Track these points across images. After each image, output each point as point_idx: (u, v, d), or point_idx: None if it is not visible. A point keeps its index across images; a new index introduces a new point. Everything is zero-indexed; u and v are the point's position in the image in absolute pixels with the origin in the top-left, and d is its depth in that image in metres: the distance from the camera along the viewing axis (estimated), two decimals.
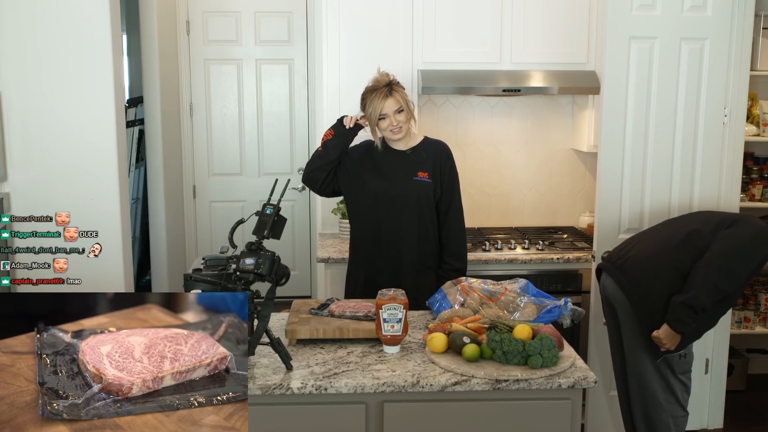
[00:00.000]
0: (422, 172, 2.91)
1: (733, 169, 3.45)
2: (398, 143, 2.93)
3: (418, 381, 2.05)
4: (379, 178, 2.93)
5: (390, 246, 2.91)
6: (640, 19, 3.23)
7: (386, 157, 2.94)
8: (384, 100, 2.80)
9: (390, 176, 2.92)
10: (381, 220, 2.92)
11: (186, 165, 5.29)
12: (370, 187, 2.93)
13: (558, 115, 4.12)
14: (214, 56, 5.20)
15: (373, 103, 2.81)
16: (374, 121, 2.84)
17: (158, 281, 4.87)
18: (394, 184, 2.91)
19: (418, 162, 2.92)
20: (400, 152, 2.94)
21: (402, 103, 2.83)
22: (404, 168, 2.92)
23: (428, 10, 3.66)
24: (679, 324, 2.68)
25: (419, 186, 2.89)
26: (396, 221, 2.90)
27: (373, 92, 2.83)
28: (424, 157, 2.93)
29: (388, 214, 2.91)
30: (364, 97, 2.87)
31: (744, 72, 3.37)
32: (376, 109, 2.81)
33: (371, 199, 2.92)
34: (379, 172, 2.93)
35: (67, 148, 3.20)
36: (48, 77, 3.15)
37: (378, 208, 2.92)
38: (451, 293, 2.53)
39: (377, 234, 2.93)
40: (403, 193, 2.89)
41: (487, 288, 2.54)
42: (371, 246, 2.95)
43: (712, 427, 3.63)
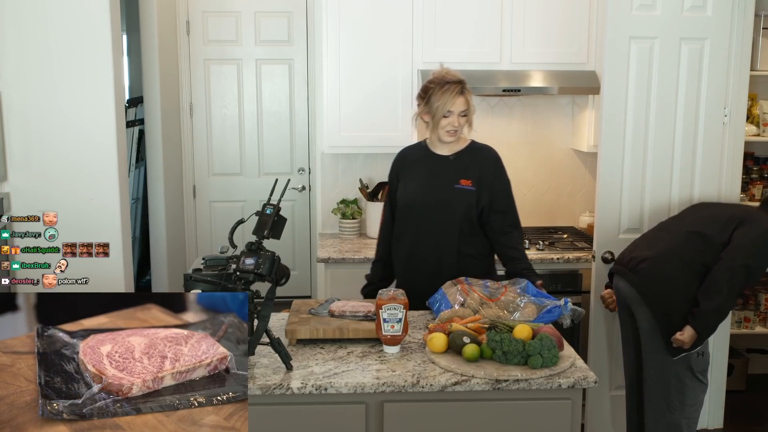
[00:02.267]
0: (465, 179, 2.75)
1: (733, 169, 3.45)
2: (442, 148, 2.79)
3: (418, 381, 2.05)
4: (418, 184, 2.79)
5: (428, 256, 2.77)
6: (640, 19, 3.23)
7: (428, 163, 2.80)
8: (456, 98, 2.65)
9: (430, 184, 2.78)
10: (419, 228, 2.78)
11: (186, 165, 5.29)
12: (408, 193, 2.80)
13: (558, 115, 4.12)
14: (214, 56, 5.20)
15: (444, 97, 2.65)
16: (439, 116, 2.68)
17: (158, 281, 4.87)
18: (433, 192, 2.77)
19: (461, 168, 2.76)
20: (443, 158, 2.79)
21: (470, 105, 2.70)
22: (446, 175, 2.76)
23: (428, 10, 3.66)
24: (708, 330, 2.71)
25: (461, 194, 2.73)
26: (434, 231, 2.75)
27: (444, 86, 2.67)
28: (467, 164, 2.77)
29: (426, 223, 2.76)
30: (427, 89, 2.71)
31: (744, 72, 3.37)
32: (446, 105, 2.65)
33: (407, 205, 2.80)
34: (418, 177, 2.80)
35: (67, 147, 3.20)
36: (48, 77, 3.15)
37: (415, 215, 2.78)
38: (451, 293, 2.53)
39: (414, 245, 2.79)
40: (443, 201, 2.74)
41: (487, 288, 2.54)
42: (408, 258, 2.82)
43: (712, 427, 3.63)
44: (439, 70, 2.75)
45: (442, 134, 2.72)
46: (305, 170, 5.36)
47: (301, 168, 5.37)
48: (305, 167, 5.36)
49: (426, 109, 2.73)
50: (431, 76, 2.75)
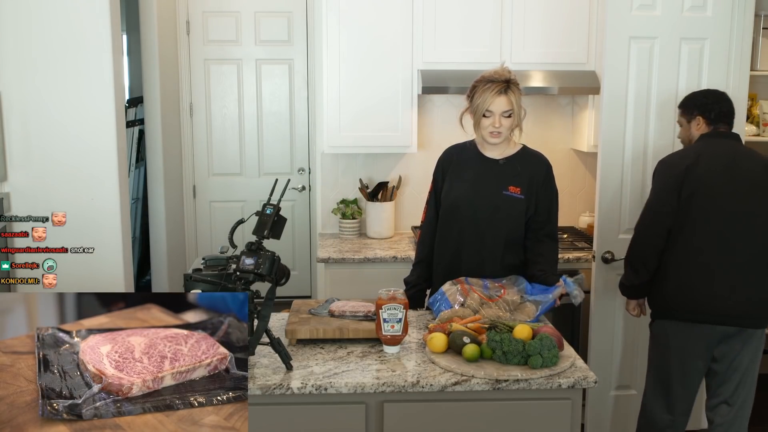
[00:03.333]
0: (514, 186, 2.61)
1: None
2: (492, 150, 2.67)
3: (418, 381, 2.05)
4: (464, 186, 2.67)
5: (470, 261, 2.66)
6: (640, 19, 3.23)
7: (476, 164, 2.68)
8: (496, 96, 2.52)
9: (477, 187, 2.65)
10: (463, 232, 2.67)
11: (186, 165, 5.29)
12: (454, 194, 2.68)
13: (558, 115, 4.12)
14: (214, 56, 5.20)
15: (484, 95, 2.53)
16: (479, 114, 2.56)
17: (158, 281, 4.88)
18: (480, 195, 2.64)
19: (511, 174, 2.64)
20: (492, 161, 2.67)
21: (514, 106, 2.55)
22: (495, 179, 2.64)
23: (428, 10, 3.66)
24: None
25: (509, 201, 2.61)
26: (479, 237, 2.63)
27: (488, 83, 2.55)
28: (518, 170, 2.63)
29: (471, 227, 2.65)
30: (476, 85, 2.59)
31: (744, 72, 3.37)
32: (485, 103, 2.53)
33: (452, 207, 2.68)
34: (466, 179, 2.68)
35: (66, 148, 3.20)
36: (48, 77, 3.15)
37: (461, 219, 2.67)
38: (451, 293, 2.53)
39: (458, 249, 2.68)
40: (490, 207, 2.62)
41: (487, 288, 2.54)
42: (451, 261, 2.70)
43: None
44: (494, 68, 2.63)
45: (485, 135, 2.60)
46: (305, 170, 5.36)
47: (301, 168, 5.37)
48: (305, 167, 5.36)
49: (470, 108, 2.62)
50: (482, 74, 2.63)
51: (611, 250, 3.34)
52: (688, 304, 2.77)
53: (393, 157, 4.00)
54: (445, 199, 2.72)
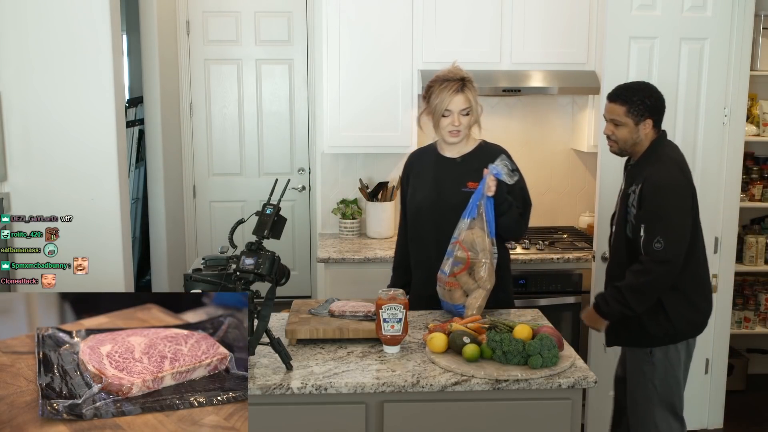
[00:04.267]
0: (473, 182, 2.59)
1: (733, 169, 3.45)
2: (450, 149, 2.69)
3: (418, 381, 2.05)
4: (426, 188, 2.70)
5: (440, 263, 2.60)
6: (640, 19, 3.23)
7: (435, 166, 2.70)
8: (454, 95, 2.54)
9: (437, 188, 2.68)
10: (430, 234, 2.68)
11: (186, 165, 5.29)
12: (417, 198, 2.71)
13: (558, 115, 4.12)
14: (214, 56, 5.20)
15: (441, 95, 2.55)
16: (438, 114, 2.58)
17: (158, 281, 4.87)
18: (441, 197, 2.66)
19: (468, 171, 2.64)
20: (451, 160, 2.69)
21: (471, 103, 2.58)
22: (453, 178, 2.66)
23: (428, 10, 3.66)
24: None
25: (468, 198, 2.57)
26: (445, 237, 2.58)
27: (444, 83, 2.56)
28: (476, 166, 2.61)
29: (436, 229, 2.65)
30: (431, 85, 2.60)
31: (744, 72, 3.37)
32: (443, 102, 2.55)
33: (417, 211, 2.71)
34: (426, 181, 2.71)
35: (67, 148, 3.20)
36: (48, 77, 3.15)
37: (425, 221, 2.69)
38: (452, 295, 2.53)
39: (427, 251, 2.68)
40: (452, 207, 2.60)
41: (455, 262, 2.50)
42: (422, 264, 2.72)
43: (712, 427, 3.63)
44: (446, 68, 2.65)
45: (444, 135, 2.63)
46: (305, 170, 5.36)
47: (301, 168, 5.37)
48: (305, 167, 5.36)
49: (427, 109, 2.64)
50: (435, 75, 2.66)
51: None
52: (698, 321, 2.74)
53: (393, 157, 3.99)
54: (410, 204, 2.76)
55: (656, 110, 2.66)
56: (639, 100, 2.63)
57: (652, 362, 2.71)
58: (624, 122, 2.65)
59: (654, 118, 2.66)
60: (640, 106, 2.63)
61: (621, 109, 2.65)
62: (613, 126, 2.69)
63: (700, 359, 3.55)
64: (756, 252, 4.01)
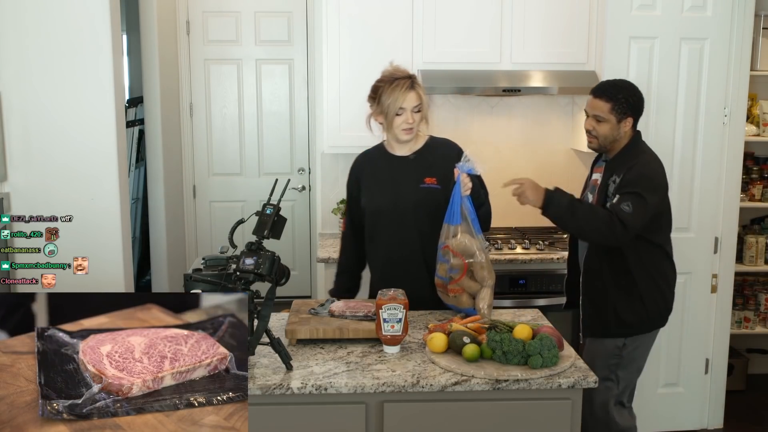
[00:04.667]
0: (429, 177, 2.63)
1: (733, 169, 3.45)
2: (401, 148, 2.70)
3: (418, 381, 2.05)
4: (383, 189, 2.69)
5: (406, 261, 2.67)
6: (640, 19, 3.24)
7: (388, 166, 2.70)
8: (406, 93, 2.55)
9: (395, 186, 2.67)
10: (393, 235, 2.67)
11: (186, 165, 5.29)
12: (375, 200, 2.70)
13: (558, 115, 4.12)
14: (214, 56, 5.20)
15: (393, 94, 2.55)
16: (392, 114, 2.57)
17: (158, 281, 4.87)
18: (400, 195, 2.66)
19: (423, 167, 2.66)
20: (403, 158, 2.69)
21: (423, 100, 2.59)
22: (409, 175, 2.66)
23: (428, 10, 3.66)
24: None
25: (428, 193, 2.63)
26: (408, 235, 2.64)
27: (393, 83, 2.57)
28: (431, 161, 2.66)
29: (399, 228, 2.66)
30: (377, 88, 2.62)
31: (744, 72, 3.37)
32: (396, 102, 2.55)
33: (376, 213, 2.69)
34: (382, 183, 2.70)
35: (67, 148, 3.20)
36: (48, 77, 3.15)
37: (387, 222, 2.68)
38: (459, 300, 2.54)
39: (390, 252, 2.69)
40: (412, 204, 2.63)
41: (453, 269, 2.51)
42: (385, 266, 2.71)
43: (712, 427, 3.63)
44: (388, 68, 2.66)
45: (398, 133, 2.62)
46: (305, 170, 5.36)
47: (301, 168, 5.37)
48: (305, 167, 5.36)
49: (378, 110, 2.62)
50: (380, 75, 2.65)
51: None
52: (665, 311, 2.80)
53: None
54: (368, 207, 2.73)
55: (638, 110, 2.71)
56: (623, 98, 2.67)
57: (620, 355, 2.76)
58: (607, 119, 2.68)
59: (635, 117, 2.71)
60: (623, 104, 2.67)
61: (605, 105, 2.68)
62: (595, 121, 2.72)
63: (700, 359, 3.56)
64: (756, 252, 4.01)
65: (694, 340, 3.53)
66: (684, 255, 3.44)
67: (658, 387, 3.54)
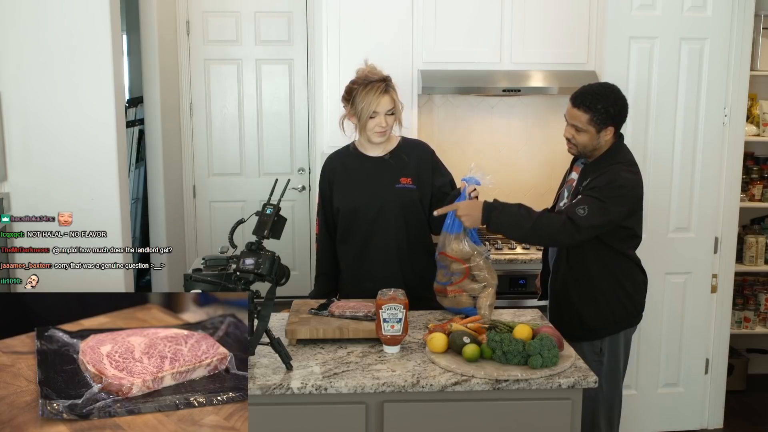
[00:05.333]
0: (405, 177, 2.67)
1: (733, 169, 3.45)
2: (374, 149, 2.72)
3: (418, 381, 2.05)
4: (358, 189, 2.70)
5: (380, 260, 2.70)
6: (640, 19, 3.24)
7: (362, 166, 2.71)
8: (380, 97, 2.58)
9: (371, 188, 2.69)
10: (367, 234, 2.69)
11: (186, 165, 5.29)
12: (349, 200, 2.70)
13: (558, 115, 4.10)
14: (214, 56, 5.20)
15: (367, 98, 2.58)
16: (365, 117, 2.60)
17: (158, 281, 4.87)
18: (376, 195, 2.68)
19: (398, 167, 2.69)
20: (377, 159, 2.71)
21: (396, 103, 2.63)
22: (385, 176, 2.69)
23: (428, 10, 3.66)
24: None
25: (403, 193, 2.66)
26: (384, 234, 2.68)
27: (367, 86, 2.59)
28: (405, 161, 2.70)
29: (374, 227, 2.69)
30: (351, 89, 2.64)
31: (744, 72, 3.37)
32: (370, 105, 2.58)
33: (351, 213, 2.70)
34: (357, 183, 2.71)
35: (67, 148, 3.20)
36: (48, 77, 3.15)
37: (361, 222, 2.69)
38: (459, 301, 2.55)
39: (363, 251, 2.71)
40: (388, 202, 2.66)
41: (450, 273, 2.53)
42: (359, 265, 2.73)
43: (712, 427, 3.63)
44: (363, 69, 2.66)
45: (371, 135, 2.64)
46: (305, 170, 5.36)
47: (301, 168, 5.37)
48: (305, 167, 5.36)
49: (352, 111, 2.64)
50: (355, 76, 2.67)
51: None
52: (633, 310, 2.74)
53: None
54: (343, 207, 2.73)
55: (620, 118, 2.61)
56: (603, 108, 2.55)
57: (600, 361, 2.70)
58: (585, 129, 2.58)
59: (616, 125, 2.61)
60: (603, 115, 2.55)
61: (584, 116, 2.57)
62: (573, 130, 2.63)
63: (700, 359, 3.56)
64: (756, 252, 4.01)
65: (694, 340, 3.53)
66: (684, 255, 3.45)
67: (658, 387, 3.54)
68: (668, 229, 3.41)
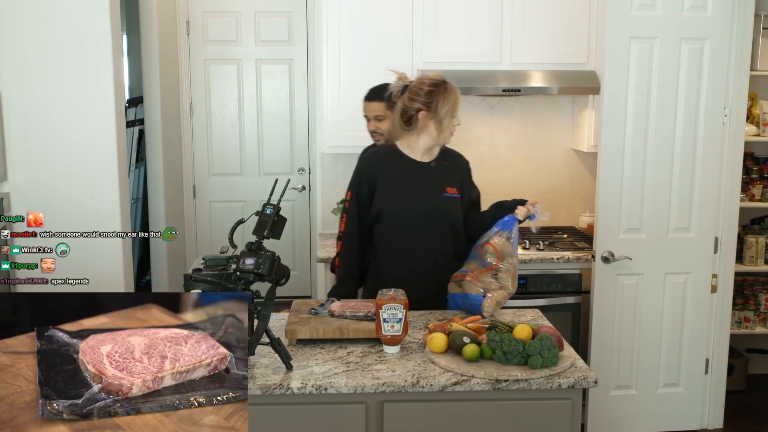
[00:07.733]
0: (450, 187, 2.65)
1: (733, 169, 3.45)
2: (422, 154, 2.67)
3: (418, 381, 2.05)
4: (404, 193, 2.64)
5: (422, 267, 2.66)
6: (640, 19, 3.23)
7: (409, 171, 2.65)
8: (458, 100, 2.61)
9: (418, 192, 2.64)
10: (411, 240, 2.65)
11: (186, 165, 5.29)
12: (392, 203, 2.64)
13: (558, 115, 4.12)
14: (214, 56, 5.20)
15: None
16: (447, 118, 2.57)
17: (158, 281, 4.88)
18: (423, 201, 2.63)
19: (443, 175, 2.66)
20: (424, 164, 2.66)
21: None
22: (432, 183, 2.64)
23: (428, 10, 3.66)
24: None
25: (449, 202, 2.64)
26: (428, 242, 2.64)
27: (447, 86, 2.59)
28: (449, 169, 2.67)
29: (419, 234, 2.64)
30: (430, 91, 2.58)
31: (744, 72, 3.37)
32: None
33: (393, 217, 2.64)
34: (402, 186, 2.65)
35: (67, 148, 3.20)
36: (48, 77, 3.15)
37: (405, 227, 2.64)
38: (470, 287, 2.56)
39: (405, 257, 2.66)
40: (435, 210, 2.63)
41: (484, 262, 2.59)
42: (399, 271, 2.66)
43: (712, 427, 3.63)
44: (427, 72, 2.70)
45: (446, 136, 2.62)
46: (305, 170, 5.36)
47: (301, 168, 5.37)
48: (305, 167, 5.36)
49: (432, 115, 2.58)
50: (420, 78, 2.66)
51: (611, 249, 3.34)
52: None
53: None
54: (385, 210, 2.65)
55: None
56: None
57: None
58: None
59: None
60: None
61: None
62: None
63: (700, 359, 3.56)
64: (756, 252, 4.01)
65: (694, 340, 3.53)
66: (684, 255, 3.45)
67: (658, 387, 3.54)
68: (668, 229, 3.40)
